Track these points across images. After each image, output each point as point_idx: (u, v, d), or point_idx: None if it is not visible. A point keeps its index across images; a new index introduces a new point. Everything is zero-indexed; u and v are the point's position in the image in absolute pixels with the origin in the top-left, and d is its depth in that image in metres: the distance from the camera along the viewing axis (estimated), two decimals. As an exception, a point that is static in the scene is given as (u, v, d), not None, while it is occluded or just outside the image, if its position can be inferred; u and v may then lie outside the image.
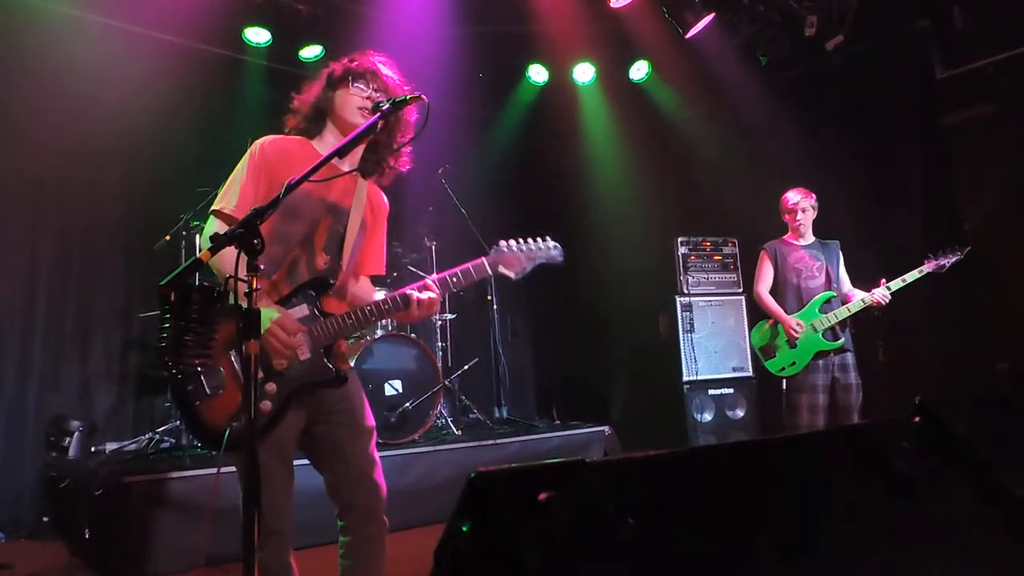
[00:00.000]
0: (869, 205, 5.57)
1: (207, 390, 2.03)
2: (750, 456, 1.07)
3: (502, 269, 2.32)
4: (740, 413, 6.08)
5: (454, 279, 2.28)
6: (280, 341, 2.03)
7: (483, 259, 2.31)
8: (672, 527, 0.88)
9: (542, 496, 0.80)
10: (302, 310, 2.14)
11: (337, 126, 2.31)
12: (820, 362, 4.26)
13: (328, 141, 2.31)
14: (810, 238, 4.51)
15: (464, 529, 0.81)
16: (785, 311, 4.36)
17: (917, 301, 4.52)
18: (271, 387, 2.06)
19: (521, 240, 2.36)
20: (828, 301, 4.31)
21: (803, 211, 4.44)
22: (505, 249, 2.34)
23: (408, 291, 2.22)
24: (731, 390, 6.07)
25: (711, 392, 6.03)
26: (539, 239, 2.40)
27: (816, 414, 4.20)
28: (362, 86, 2.29)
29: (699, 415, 5.96)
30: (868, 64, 5.65)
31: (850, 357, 4.29)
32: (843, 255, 4.52)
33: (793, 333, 4.26)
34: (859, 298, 4.24)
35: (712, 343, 6.07)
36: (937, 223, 5.21)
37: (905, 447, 1.20)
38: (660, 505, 0.90)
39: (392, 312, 2.22)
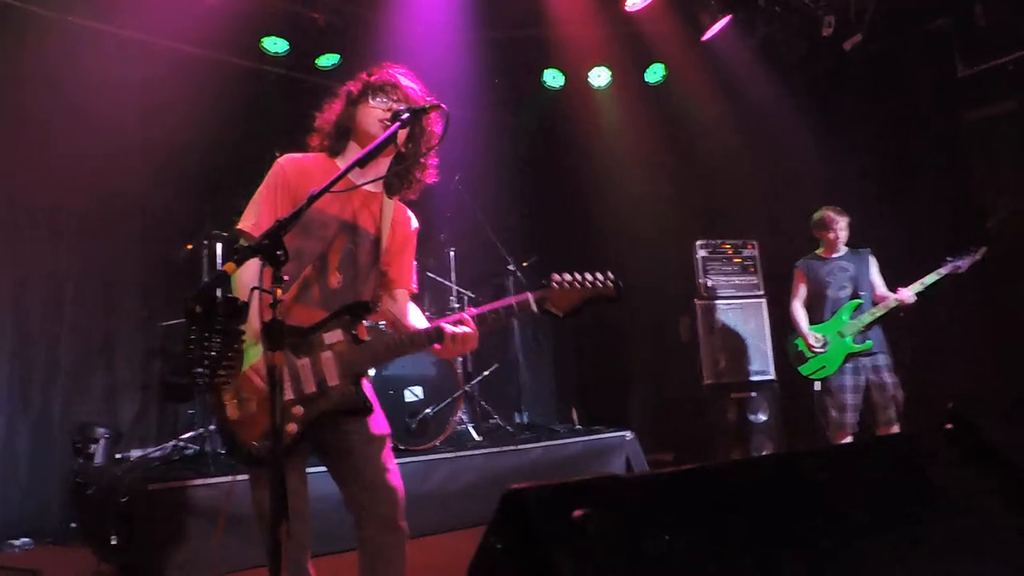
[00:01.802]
0: (889, 205, 5.51)
1: (239, 406, 2.05)
2: (783, 469, 1.06)
3: (548, 307, 2.11)
4: (762, 417, 6.02)
5: (493, 315, 2.12)
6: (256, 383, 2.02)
7: (528, 295, 2.11)
8: (706, 542, 0.87)
9: (576, 513, 0.79)
10: (336, 335, 2.10)
11: (360, 142, 2.28)
12: (849, 365, 4.50)
13: (351, 158, 2.27)
14: (842, 251, 4.72)
15: (499, 547, 0.81)
16: (819, 321, 4.66)
17: (942, 302, 4.47)
18: (298, 410, 2.06)
19: (576, 274, 2.13)
20: (857, 308, 4.53)
21: (842, 230, 4.67)
22: (555, 285, 2.11)
23: (443, 324, 2.10)
24: (753, 394, 6.02)
25: (732, 395, 5.98)
26: (596, 274, 2.15)
27: (844, 413, 4.45)
28: (382, 99, 2.26)
29: (721, 419, 5.91)
30: (887, 63, 5.60)
31: (882, 359, 4.48)
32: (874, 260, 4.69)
33: (812, 345, 4.57)
34: (885, 301, 4.44)
35: (733, 346, 6.02)
36: (959, 222, 5.15)
37: (940, 457, 1.18)
38: (694, 520, 0.89)
39: (426, 345, 2.12)
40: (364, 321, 2.18)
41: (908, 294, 4.34)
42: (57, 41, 5.00)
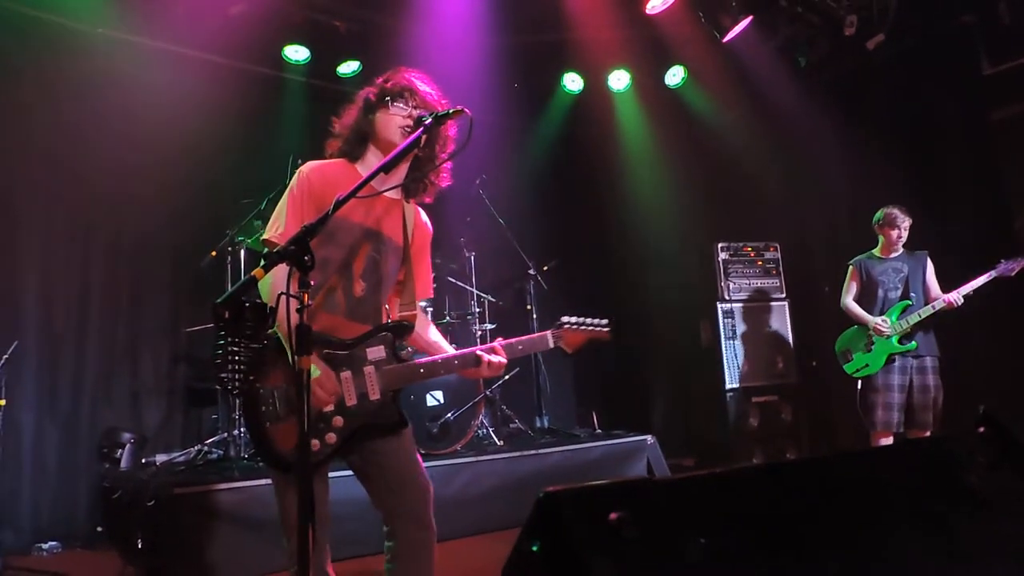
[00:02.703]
0: (914, 206, 5.43)
1: (278, 413, 2.08)
2: (819, 472, 1.05)
3: (561, 344, 2.41)
4: (785, 420, 5.97)
5: (520, 347, 2.36)
6: (322, 392, 2.07)
7: (548, 333, 2.40)
8: (742, 545, 0.86)
9: (612, 516, 0.79)
10: (379, 352, 2.16)
11: (380, 148, 2.30)
12: (897, 363, 4.49)
13: (371, 163, 2.29)
14: (899, 251, 4.69)
15: (534, 549, 0.81)
16: None
17: (969, 305, 4.41)
18: (338, 421, 2.10)
19: (581, 319, 2.44)
20: (907, 308, 4.51)
21: (905, 229, 4.62)
22: (568, 326, 2.41)
23: (479, 352, 2.26)
24: (775, 397, 5.97)
25: (754, 399, 5.94)
26: (596, 319, 2.47)
27: (890, 411, 4.44)
28: (401, 105, 2.27)
29: (742, 422, 5.87)
30: (911, 62, 5.54)
31: (929, 361, 4.47)
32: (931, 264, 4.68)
33: (882, 329, 4.49)
34: (931, 303, 4.45)
35: (755, 350, 5.98)
36: (986, 222, 5.08)
37: (978, 461, 1.16)
38: (730, 523, 0.89)
39: (460, 368, 2.28)
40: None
41: (956, 297, 4.33)
42: (89, 53, 5.10)
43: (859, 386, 4.60)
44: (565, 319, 2.41)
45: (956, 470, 1.15)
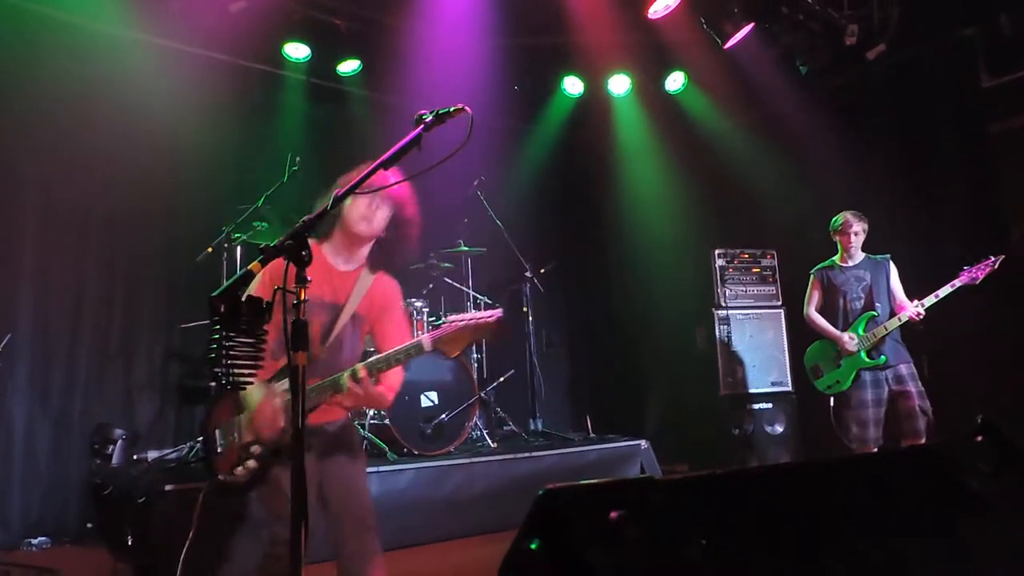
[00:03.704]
0: (913, 217, 5.45)
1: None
2: (821, 475, 1.04)
3: (440, 346, 2.27)
4: (779, 428, 5.97)
5: (384, 363, 2.33)
6: (268, 415, 2.32)
7: (422, 338, 2.30)
8: (742, 547, 0.86)
9: (613, 514, 0.78)
10: (284, 384, 2.37)
11: (344, 232, 2.51)
12: (868, 377, 4.37)
13: (336, 242, 2.54)
14: (859, 257, 4.60)
15: (533, 547, 0.80)
16: None
17: (964, 313, 4.41)
18: (256, 449, 2.35)
19: (464, 316, 2.27)
20: (872, 319, 4.41)
21: (856, 235, 4.54)
22: (445, 327, 2.27)
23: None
24: (770, 405, 5.96)
25: (749, 406, 5.94)
26: (482, 312, 2.31)
27: (865, 428, 4.32)
28: (366, 195, 2.41)
29: (737, 429, 5.87)
30: (911, 73, 5.56)
31: (904, 368, 4.35)
32: (894, 268, 4.58)
33: (848, 346, 4.39)
34: (897, 316, 4.34)
35: (750, 357, 5.98)
36: (983, 234, 5.08)
37: (973, 467, 1.16)
38: (731, 525, 0.88)
39: (325, 395, 2.37)
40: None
41: (914, 311, 4.24)
42: (84, 48, 5.07)
43: (831, 403, 4.51)
44: (450, 318, 2.28)
45: (958, 475, 1.14)
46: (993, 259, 4.24)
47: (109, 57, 5.14)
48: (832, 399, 4.51)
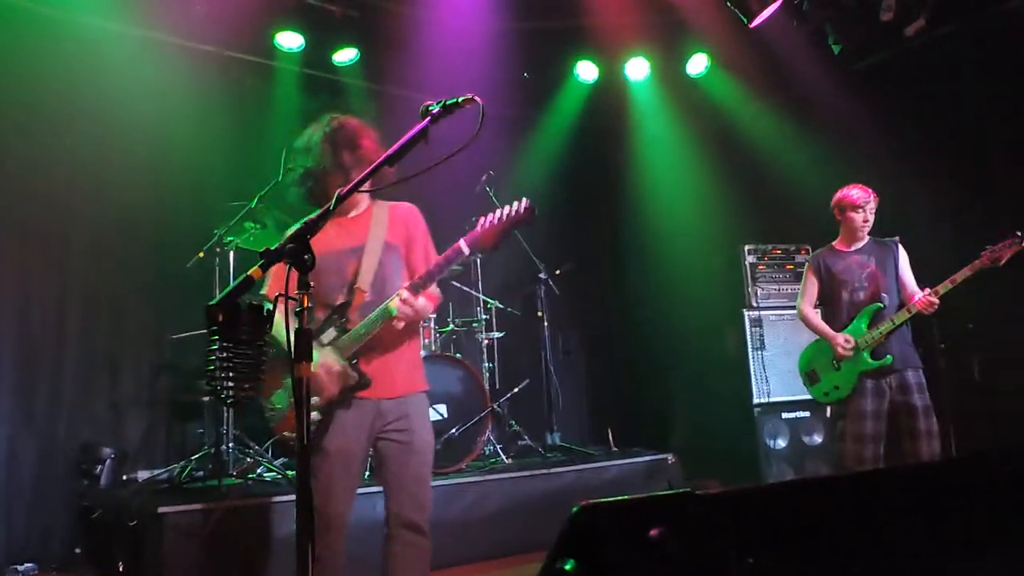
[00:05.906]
0: (953, 202, 5.42)
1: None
2: (870, 487, 1.04)
3: (479, 246, 2.63)
4: (817, 439, 5.94)
5: (426, 277, 2.65)
6: (323, 381, 2.60)
7: (460, 242, 2.63)
8: (791, 566, 0.86)
9: (653, 532, 0.78)
10: (330, 334, 2.67)
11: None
12: (870, 385, 3.98)
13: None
14: (863, 241, 4.22)
15: (568, 567, 0.80)
16: (836, 330, 4.11)
17: (1015, 307, 4.36)
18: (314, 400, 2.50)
19: (494, 213, 2.64)
20: (878, 312, 4.04)
21: (869, 211, 4.15)
22: (479, 228, 2.63)
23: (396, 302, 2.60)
24: (807, 413, 5.94)
25: (784, 416, 5.91)
26: (513, 204, 2.68)
27: (862, 444, 3.92)
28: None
29: (771, 441, 5.85)
30: (953, 49, 5.53)
31: (911, 376, 3.96)
32: (909, 255, 4.23)
33: (841, 351, 4.01)
34: (907, 306, 3.97)
35: (785, 361, 5.94)
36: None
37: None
38: (777, 541, 0.88)
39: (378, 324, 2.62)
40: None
41: (925, 301, 3.85)
42: (65, 40, 5.10)
43: (828, 413, 4.21)
44: (482, 218, 2.62)
45: (1015, 485, 1.13)
46: (1020, 235, 3.85)
47: (89, 49, 5.16)
48: (828, 409, 4.20)
